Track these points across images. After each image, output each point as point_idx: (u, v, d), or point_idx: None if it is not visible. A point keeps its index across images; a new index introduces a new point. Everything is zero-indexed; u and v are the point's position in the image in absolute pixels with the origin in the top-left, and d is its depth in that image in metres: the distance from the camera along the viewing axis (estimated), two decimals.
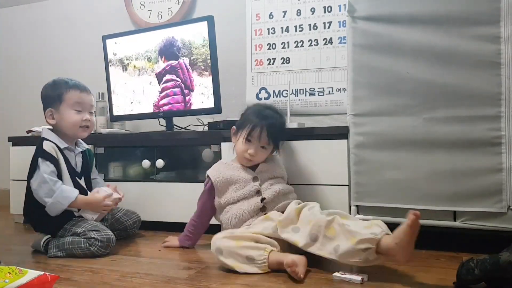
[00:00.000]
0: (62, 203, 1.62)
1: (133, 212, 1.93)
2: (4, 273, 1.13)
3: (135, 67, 2.30)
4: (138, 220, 1.93)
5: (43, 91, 1.77)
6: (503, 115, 1.47)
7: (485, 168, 1.49)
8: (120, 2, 2.77)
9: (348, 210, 1.68)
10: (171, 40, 2.18)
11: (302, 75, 2.26)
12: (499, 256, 1.12)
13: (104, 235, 1.60)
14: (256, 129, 1.60)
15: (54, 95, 1.73)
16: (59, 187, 1.62)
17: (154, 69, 2.24)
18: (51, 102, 1.74)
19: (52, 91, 1.74)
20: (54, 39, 3.02)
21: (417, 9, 1.56)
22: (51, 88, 1.75)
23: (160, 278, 1.34)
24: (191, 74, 2.13)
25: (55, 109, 1.73)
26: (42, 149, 1.67)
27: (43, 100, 1.76)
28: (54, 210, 1.63)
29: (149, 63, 2.25)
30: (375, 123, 1.63)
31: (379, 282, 1.26)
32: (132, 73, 2.31)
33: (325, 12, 2.22)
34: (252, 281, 1.29)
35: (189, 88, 2.15)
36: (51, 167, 1.65)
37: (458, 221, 1.54)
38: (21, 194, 2.26)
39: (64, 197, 1.62)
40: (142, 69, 2.27)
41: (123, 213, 1.89)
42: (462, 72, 1.51)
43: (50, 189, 1.61)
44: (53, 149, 1.68)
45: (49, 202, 1.61)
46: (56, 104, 1.73)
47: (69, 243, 1.60)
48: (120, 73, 2.34)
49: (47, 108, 1.74)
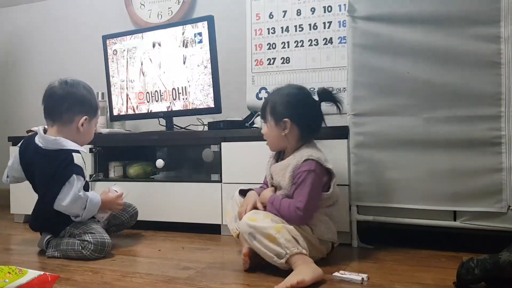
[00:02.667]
0: (93, 210, 1.66)
1: (129, 205, 1.92)
2: (4, 273, 1.13)
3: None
4: (135, 213, 1.92)
5: (85, 94, 1.69)
6: (503, 115, 1.47)
7: (485, 168, 1.49)
8: (120, 2, 2.77)
9: (348, 210, 1.68)
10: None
11: (302, 75, 2.26)
12: (499, 256, 1.12)
13: (98, 239, 1.58)
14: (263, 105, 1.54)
15: (94, 104, 1.73)
16: (87, 198, 1.62)
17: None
18: (89, 110, 1.70)
19: (92, 98, 1.72)
20: (54, 39, 3.02)
21: (417, 9, 1.56)
22: (89, 94, 1.72)
23: (160, 278, 1.34)
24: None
25: (89, 119, 1.70)
26: (74, 163, 1.63)
27: (79, 102, 1.67)
28: (86, 218, 1.65)
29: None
30: (375, 123, 1.63)
31: (379, 282, 1.26)
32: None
33: (325, 12, 2.22)
34: (252, 281, 1.29)
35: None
36: (82, 180, 1.63)
37: (458, 221, 1.55)
38: (21, 194, 2.28)
39: (93, 205, 1.65)
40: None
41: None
42: (462, 72, 1.51)
43: (83, 203, 1.61)
44: (82, 162, 1.70)
45: (83, 214, 1.62)
46: (92, 115, 1.72)
47: (65, 244, 1.60)
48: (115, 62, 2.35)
49: (81, 113, 1.67)
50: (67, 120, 1.66)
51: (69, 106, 1.66)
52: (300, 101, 1.49)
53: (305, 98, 1.50)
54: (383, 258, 1.52)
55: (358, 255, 1.59)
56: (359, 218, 1.67)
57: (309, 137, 1.50)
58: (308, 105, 1.49)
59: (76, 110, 1.67)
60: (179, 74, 2.19)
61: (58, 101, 1.66)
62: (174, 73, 2.21)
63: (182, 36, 2.17)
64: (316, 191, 1.40)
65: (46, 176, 1.62)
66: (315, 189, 1.39)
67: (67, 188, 1.58)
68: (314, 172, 1.39)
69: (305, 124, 1.48)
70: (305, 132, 1.48)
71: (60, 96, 1.66)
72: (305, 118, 1.48)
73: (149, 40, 2.27)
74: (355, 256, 1.57)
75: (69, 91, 1.67)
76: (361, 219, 1.67)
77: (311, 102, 1.50)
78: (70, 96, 1.66)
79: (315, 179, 1.39)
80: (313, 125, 1.50)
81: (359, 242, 1.69)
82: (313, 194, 1.38)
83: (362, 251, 1.63)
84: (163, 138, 2.12)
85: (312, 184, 1.38)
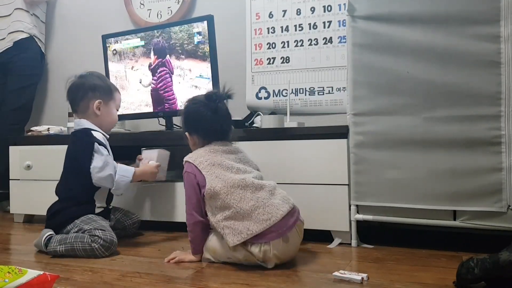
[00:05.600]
0: (127, 176, 1.69)
1: (133, 213, 1.94)
2: (4, 273, 1.13)
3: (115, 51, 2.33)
4: (137, 221, 1.94)
5: (90, 80, 1.79)
6: (503, 114, 1.47)
7: (485, 168, 1.49)
8: (120, 2, 2.77)
9: (348, 210, 1.68)
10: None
11: (302, 74, 2.26)
12: (499, 255, 1.12)
13: (108, 236, 1.60)
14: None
15: (106, 88, 1.81)
16: (117, 165, 1.70)
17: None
18: (102, 94, 1.79)
19: (103, 83, 1.81)
20: (54, 39, 3.02)
21: (417, 8, 1.56)
22: (99, 80, 1.82)
23: (160, 278, 1.34)
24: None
25: (105, 102, 1.79)
26: (94, 136, 1.72)
27: (90, 88, 1.77)
28: (122, 185, 1.69)
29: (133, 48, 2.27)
30: (375, 122, 1.63)
31: (379, 281, 1.26)
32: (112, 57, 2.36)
33: (325, 12, 2.22)
34: (252, 281, 1.29)
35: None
36: (106, 152, 1.72)
37: (458, 221, 1.55)
38: (21, 194, 2.28)
39: (126, 171, 1.70)
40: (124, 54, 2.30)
41: (123, 214, 1.91)
42: (462, 72, 1.51)
43: (114, 166, 1.68)
44: (103, 139, 1.76)
45: (116, 178, 1.67)
46: (107, 97, 1.80)
47: (72, 238, 1.60)
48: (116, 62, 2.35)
49: (94, 97, 1.77)
50: (84, 108, 1.78)
51: (82, 95, 1.78)
52: (190, 114, 1.60)
53: (193, 110, 1.59)
54: (383, 258, 1.52)
55: (358, 255, 1.59)
56: (359, 218, 1.67)
57: (211, 140, 1.57)
58: (197, 114, 1.58)
59: (89, 96, 1.78)
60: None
61: (73, 93, 1.80)
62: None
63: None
64: (189, 191, 1.51)
65: (70, 153, 1.77)
66: (187, 188, 1.51)
67: (95, 157, 1.68)
68: (187, 173, 1.51)
69: (201, 132, 1.58)
70: (206, 138, 1.58)
71: (75, 88, 1.80)
72: (198, 128, 1.58)
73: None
74: (355, 256, 1.57)
75: (81, 82, 1.79)
76: (361, 218, 1.67)
77: (200, 111, 1.57)
78: (82, 86, 1.78)
79: (187, 179, 1.51)
80: (210, 130, 1.57)
81: (359, 242, 1.69)
82: (187, 193, 1.51)
83: (362, 251, 1.63)
84: (163, 138, 2.12)
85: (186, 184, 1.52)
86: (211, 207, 1.45)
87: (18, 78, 2.71)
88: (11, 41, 2.72)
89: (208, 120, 1.55)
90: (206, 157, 1.50)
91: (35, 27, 2.80)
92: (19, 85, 2.70)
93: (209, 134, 1.57)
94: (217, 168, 1.47)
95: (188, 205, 1.51)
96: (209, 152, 1.52)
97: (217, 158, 1.50)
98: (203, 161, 1.49)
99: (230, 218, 1.40)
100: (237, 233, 1.37)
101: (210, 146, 1.55)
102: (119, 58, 2.35)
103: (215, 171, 1.46)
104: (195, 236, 1.50)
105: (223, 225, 1.40)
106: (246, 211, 1.38)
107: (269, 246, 1.36)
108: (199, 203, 1.48)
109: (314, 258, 1.53)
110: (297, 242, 1.45)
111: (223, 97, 1.57)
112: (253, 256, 1.38)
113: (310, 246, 1.68)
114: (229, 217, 1.40)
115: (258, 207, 1.38)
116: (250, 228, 1.36)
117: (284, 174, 1.77)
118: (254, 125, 2.10)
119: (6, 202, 2.58)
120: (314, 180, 1.75)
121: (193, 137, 1.60)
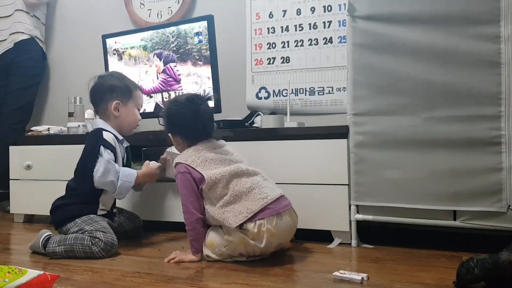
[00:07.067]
0: (129, 181, 1.70)
1: (136, 217, 1.94)
2: (4, 273, 1.13)
3: (130, 55, 2.33)
4: (140, 226, 1.94)
5: (107, 80, 1.79)
6: (503, 114, 1.47)
7: (485, 168, 1.49)
8: (120, 1, 2.77)
9: (348, 210, 1.68)
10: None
11: (302, 74, 2.26)
12: (499, 255, 1.12)
13: (109, 239, 1.59)
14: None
15: (124, 89, 1.79)
16: (119, 169, 1.70)
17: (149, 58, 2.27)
18: (120, 95, 1.78)
19: (121, 83, 1.80)
20: (54, 39, 3.02)
21: (417, 8, 1.56)
22: (118, 80, 1.80)
23: (160, 277, 1.34)
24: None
25: (123, 103, 1.78)
26: (103, 138, 1.72)
27: (108, 90, 1.77)
28: (123, 190, 1.70)
29: (144, 52, 2.28)
30: (375, 122, 1.63)
31: (379, 281, 1.26)
32: (127, 62, 2.34)
33: (325, 12, 2.22)
34: (252, 281, 1.29)
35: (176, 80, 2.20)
36: (111, 155, 1.71)
37: (458, 221, 1.55)
38: (21, 194, 2.28)
39: (128, 175, 1.70)
40: (138, 58, 2.30)
41: (126, 217, 1.90)
42: (462, 72, 1.51)
43: (116, 172, 1.68)
44: (112, 140, 1.74)
45: (118, 183, 1.67)
46: (126, 98, 1.79)
47: (72, 239, 1.59)
48: (116, 62, 2.37)
49: (112, 99, 1.77)
50: (103, 110, 1.79)
51: (101, 96, 1.79)
52: (171, 116, 1.62)
53: (175, 112, 1.61)
54: (383, 258, 1.53)
55: (358, 255, 1.59)
56: (359, 218, 1.67)
57: (195, 141, 1.59)
58: (179, 116, 1.59)
59: (107, 97, 1.78)
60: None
61: (93, 96, 1.81)
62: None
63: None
64: (186, 190, 1.53)
65: (84, 152, 1.76)
66: (184, 188, 1.53)
67: (99, 160, 1.67)
68: (181, 174, 1.54)
69: (184, 134, 1.61)
70: (190, 139, 1.60)
71: (94, 90, 1.80)
72: (181, 129, 1.61)
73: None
74: (355, 256, 1.57)
75: (99, 83, 1.80)
76: (361, 218, 1.67)
77: (182, 113, 1.59)
78: (100, 87, 1.79)
79: (182, 180, 1.54)
80: (194, 131, 1.59)
81: (359, 242, 1.69)
82: (184, 192, 1.53)
83: (362, 250, 1.63)
84: (163, 138, 2.12)
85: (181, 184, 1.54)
86: (210, 199, 1.50)
87: (20, 78, 2.71)
88: (12, 42, 2.72)
89: (190, 123, 1.58)
90: (197, 155, 1.55)
91: (36, 28, 2.80)
92: (21, 85, 2.70)
93: (192, 136, 1.60)
94: (210, 163, 1.53)
95: (186, 205, 1.52)
96: (198, 151, 1.57)
97: (208, 155, 1.55)
98: (195, 160, 1.54)
99: (229, 203, 1.46)
100: (237, 214, 1.43)
101: (196, 146, 1.59)
102: (119, 58, 2.35)
103: (209, 166, 1.52)
104: (197, 234, 1.51)
105: (224, 211, 1.46)
106: (244, 192, 1.46)
107: (264, 221, 1.42)
108: (198, 200, 1.52)
109: (314, 258, 1.54)
110: (290, 225, 1.49)
111: (204, 99, 1.60)
112: (248, 237, 1.42)
113: (310, 246, 1.68)
114: (228, 202, 1.46)
115: (254, 188, 1.47)
116: (249, 207, 1.43)
117: (284, 174, 1.77)
118: (254, 125, 2.10)
119: (6, 202, 2.58)
120: (314, 180, 1.75)
121: (177, 138, 1.64)
